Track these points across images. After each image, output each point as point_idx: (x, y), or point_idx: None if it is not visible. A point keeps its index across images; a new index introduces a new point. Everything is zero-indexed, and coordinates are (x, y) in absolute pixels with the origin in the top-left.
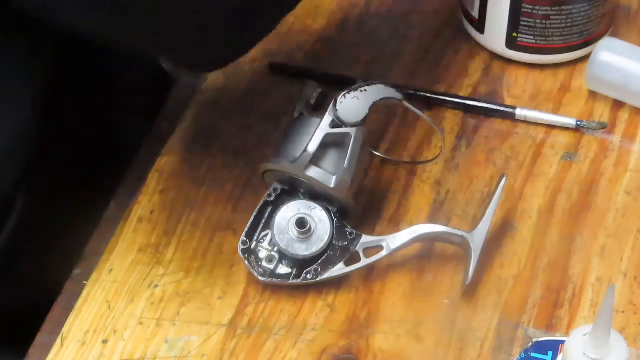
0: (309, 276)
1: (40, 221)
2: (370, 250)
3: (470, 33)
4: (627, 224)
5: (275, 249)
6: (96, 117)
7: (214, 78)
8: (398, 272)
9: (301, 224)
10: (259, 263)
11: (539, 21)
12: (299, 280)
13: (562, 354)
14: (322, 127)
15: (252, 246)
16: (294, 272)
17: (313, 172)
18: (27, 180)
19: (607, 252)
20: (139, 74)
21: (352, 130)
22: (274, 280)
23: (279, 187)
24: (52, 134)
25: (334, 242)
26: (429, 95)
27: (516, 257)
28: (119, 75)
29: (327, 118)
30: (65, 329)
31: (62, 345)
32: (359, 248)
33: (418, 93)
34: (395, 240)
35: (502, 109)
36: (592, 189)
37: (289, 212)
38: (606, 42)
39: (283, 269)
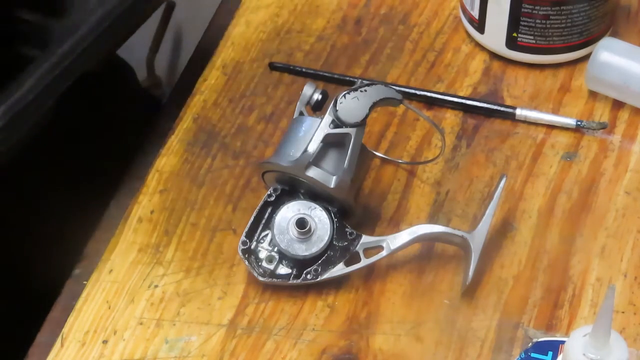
0: (309, 276)
1: (40, 221)
2: (370, 250)
3: (470, 33)
4: (627, 224)
5: (275, 249)
6: (96, 117)
7: (214, 78)
8: (398, 272)
9: (301, 224)
10: (259, 263)
11: (539, 21)
12: (299, 281)
13: (562, 354)
14: (322, 127)
15: (252, 246)
16: (294, 272)
17: (313, 172)
18: (28, 179)
19: (607, 252)
20: None
21: (352, 131)
22: (274, 280)
23: (279, 187)
24: (51, 133)
25: (334, 242)
26: (429, 95)
27: (516, 257)
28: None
29: (327, 118)
30: (65, 329)
31: (62, 345)
32: (359, 248)
33: (418, 93)
34: (395, 241)
35: (502, 109)
36: (592, 189)
37: (289, 212)
38: (606, 42)
39: (283, 269)
